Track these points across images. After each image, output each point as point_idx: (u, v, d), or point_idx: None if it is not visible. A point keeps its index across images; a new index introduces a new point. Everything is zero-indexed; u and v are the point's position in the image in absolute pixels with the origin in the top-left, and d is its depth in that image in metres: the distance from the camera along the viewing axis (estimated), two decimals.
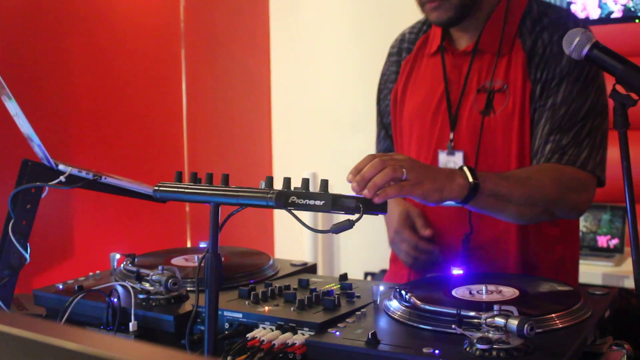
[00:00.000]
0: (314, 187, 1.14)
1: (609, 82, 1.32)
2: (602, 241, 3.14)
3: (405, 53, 1.97)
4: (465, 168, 1.46)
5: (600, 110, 1.72)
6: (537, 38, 1.74)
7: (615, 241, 3.11)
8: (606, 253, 3.09)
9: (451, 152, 1.76)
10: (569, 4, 2.94)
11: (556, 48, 1.70)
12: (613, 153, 1.47)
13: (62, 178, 1.56)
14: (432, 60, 1.88)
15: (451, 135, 1.77)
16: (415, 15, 1.97)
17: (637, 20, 2.52)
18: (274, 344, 1.25)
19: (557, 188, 1.63)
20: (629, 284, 2.78)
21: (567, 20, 1.76)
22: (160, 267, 1.49)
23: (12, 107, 1.53)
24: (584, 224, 3.17)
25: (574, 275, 1.89)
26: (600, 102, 1.72)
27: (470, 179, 1.43)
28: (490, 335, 1.10)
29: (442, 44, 1.85)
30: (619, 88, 1.30)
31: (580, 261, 2.98)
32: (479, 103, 1.75)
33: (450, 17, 1.74)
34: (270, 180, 1.18)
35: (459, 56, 1.83)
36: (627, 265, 2.97)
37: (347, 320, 1.29)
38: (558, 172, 1.66)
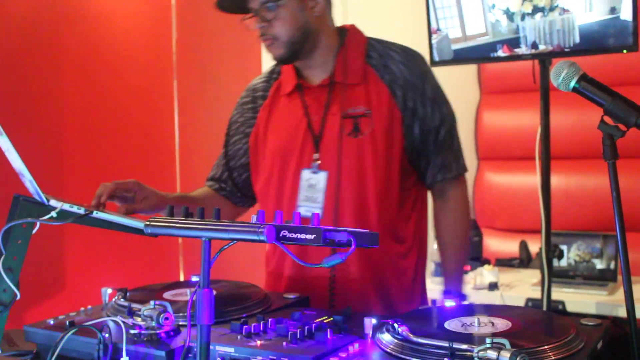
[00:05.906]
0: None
1: (597, 113, 1.33)
2: (595, 270, 3.14)
3: (260, 100, 2.08)
4: None
5: (453, 114, 2.00)
6: (396, 72, 1.92)
7: (608, 270, 3.11)
8: (599, 282, 3.08)
9: (315, 171, 1.89)
10: None
11: (417, 79, 1.91)
12: (604, 181, 1.48)
13: (53, 213, 1.56)
14: (290, 98, 2.00)
15: (315, 155, 1.90)
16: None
17: (624, 51, 2.55)
18: None
19: (467, 218, 2.05)
20: (623, 312, 2.78)
21: (414, 54, 1.97)
22: (152, 302, 1.49)
23: (4, 143, 1.53)
24: (577, 252, 3.17)
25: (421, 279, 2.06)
26: (449, 105, 1.99)
27: None
28: None
29: (299, 82, 1.98)
30: (607, 119, 1.31)
31: (574, 290, 3.02)
32: (347, 128, 1.89)
33: (282, 54, 1.90)
34: (261, 214, 1.19)
35: (315, 90, 1.96)
36: (621, 294, 2.97)
37: (340, 354, 1.29)
38: (457, 210, 2.02)
